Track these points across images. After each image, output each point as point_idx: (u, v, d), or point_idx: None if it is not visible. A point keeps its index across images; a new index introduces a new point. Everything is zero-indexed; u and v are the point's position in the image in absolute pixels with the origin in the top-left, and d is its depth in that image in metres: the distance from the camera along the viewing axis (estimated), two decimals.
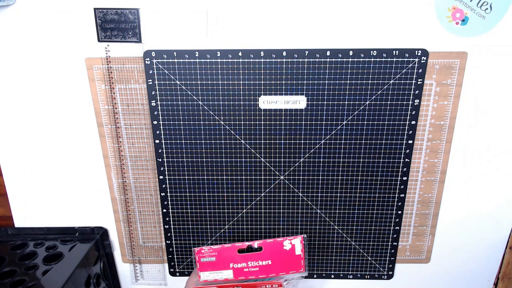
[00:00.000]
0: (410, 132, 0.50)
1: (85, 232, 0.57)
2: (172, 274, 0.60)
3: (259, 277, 0.48)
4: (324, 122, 0.50)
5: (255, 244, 0.48)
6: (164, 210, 0.56)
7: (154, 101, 0.50)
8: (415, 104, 0.49)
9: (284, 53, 0.47)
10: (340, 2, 0.45)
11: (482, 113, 0.50)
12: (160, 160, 0.53)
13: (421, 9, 0.45)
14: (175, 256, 0.59)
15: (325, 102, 0.49)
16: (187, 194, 0.55)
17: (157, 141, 0.52)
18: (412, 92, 0.48)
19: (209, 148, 0.52)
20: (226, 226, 0.56)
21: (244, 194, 0.54)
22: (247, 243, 0.48)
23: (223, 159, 0.52)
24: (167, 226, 0.57)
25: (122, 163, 0.53)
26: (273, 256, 0.48)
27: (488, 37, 0.46)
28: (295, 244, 0.47)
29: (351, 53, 0.47)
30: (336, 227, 0.56)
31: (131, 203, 0.55)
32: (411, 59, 0.47)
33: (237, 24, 0.46)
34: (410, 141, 0.51)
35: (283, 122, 0.50)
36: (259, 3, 0.45)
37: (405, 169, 0.52)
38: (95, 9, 0.45)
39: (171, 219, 0.56)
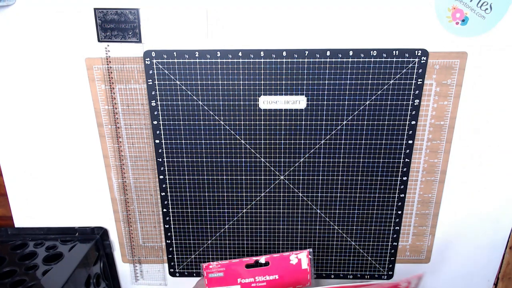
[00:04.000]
0: (410, 132, 0.50)
1: (85, 232, 0.57)
2: (172, 274, 0.60)
3: None
4: (324, 122, 0.50)
5: (262, 259, 0.48)
6: (164, 210, 0.56)
7: (154, 101, 0.50)
8: (415, 104, 0.49)
9: (284, 53, 0.47)
10: (340, 2, 0.45)
11: (482, 113, 0.50)
12: (160, 160, 0.53)
13: (421, 9, 0.45)
14: (175, 256, 0.59)
15: (325, 102, 0.49)
16: (187, 194, 0.55)
17: (157, 141, 0.52)
18: (412, 92, 0.48)
19: (209, 148, 0.52)
20: (226, 226, 0.56)
21: (244, 194, 0.54)
22: (254, 258, 0.47)
23: (223, 159, 0.52)
24: (167, 226, 0.57)
25: (122, 163, 0.53)
26: (279, 271, 0.48)
27: (488, 37, 0.46)
28: (301, 258, 0.48)
29: (351, 53, 0.47)
30: (336, 227, 0.56)
31: (131, 203, 0.55)
32: (411, 59, 0.47)
33: (237, 24, 0.46)
34: (410, 141, 0.51)
35: (283, 122, 0.50)
36: (259, 3, 0.45)
37: (405, 169, 0.52)
38: (95, 9, 0.45)
39: (171, 219, 0.56)
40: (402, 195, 0.54)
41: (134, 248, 0.58)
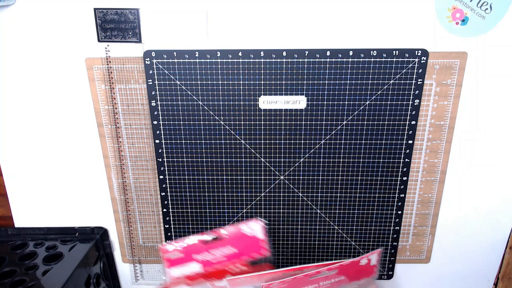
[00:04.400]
0: (410, 132, 0.50)
1: (85, 232, 0.57)
2: None
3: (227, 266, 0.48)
4: (324, 122, 0.50)
5: (218, 232, 0.49)
6: (164, 210, 0.56)
7: (154, 101, 0.50)
8: (415, 104, 0.49)
9: (284, 53, 0.47)
10: (340, 2, 0.45)
11: (482, 113, 0.50)
12: (160, 160, 0.53)
13: (421, 9, 0.45)
14: None
15: (325, 102, 0.49)
16: (187, 194, 0.55)
17: (157, 141, 0.52)
18: (412, 92, 0.48)
19: (209, 148, 0.52)
20: (226, 226, 0.56)
21: (244, 194, 0.54)
22: (210, 233, 0.48)
23: (223, 159, 0.52)
24: (167, 226, 0.57)
25: (122, 163, 0.53)
26: (236, 244, 0.48)
27: (488, 37, 0.46)
28: (254, 228, 0.48)
29: (351, 53, 0.47)
30: (336, 227, 0.56)
31: (131, 203, 0.55)
32: (411, 59, 0.47)
33: (237, 24, 0.46)
34: (410, 141, 0.51)
35: (283, 122, 0.50)
36: (259, 3, 0.45)
37: (405, 169, 0.52)
38: (95, 9, 0.45)
39: (171, 219, 0.56)
40: (402, 195, 0.54)
41: (134, 248, 0.58)
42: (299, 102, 0.49)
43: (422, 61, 0.47)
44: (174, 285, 0.47)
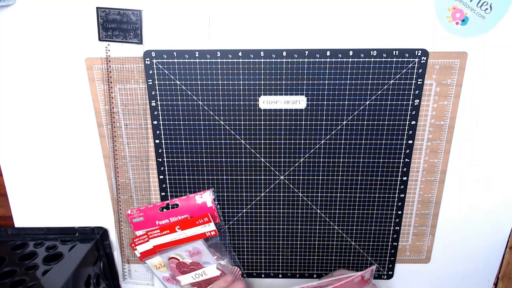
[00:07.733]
0: (410, 132, 0.50)
1: (85, 232, 0.57)
2: None
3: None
4: (324, 122, 0.50)
5: (172, 202, 0.54)
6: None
7: (154, 101, 0.50)
8: (415, 104, 0.49)
9: (284, 53, 0.47)
10: (340, 2, 0.45)
11: (482, 113, 0.50)
12: (160, 160, 0.53)
13: (421, 9, 0.45)
14: None
15: (325, 102, 0.49)
16: (187, 194, 0.54)
17: (157, 141, 0.52)
18: (412, 92, 0.48)
19: (209, 148, 0.52)
20: (226, 226, 0.56)
21: (244, 194, 0.54)
22: (165, 202, 0.54)
23: (223, 159, 0.52)
24: None
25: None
26: (189, 211, 0.54)
27: (488, 37, 0.46)
28: (205, 198, 0.53)
29: (351, 53, 0.47)
30: (336, 227, 0.56)
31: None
32: (411, 59, 0.47)
33: (238, 24, 0.46)
34: (410, 141, 0.51)
35: (283, 122, 0.50)
36: (260, 3, 0.45)
37: (405, 169, 0.52)
38: (97, 8, 0.45)
39: None
40: (402, 195, 0.54)
41: None
42: (299, 102, 0.49)
43: (422, 61, 0.47)
44: (140, 241, 0.54)
